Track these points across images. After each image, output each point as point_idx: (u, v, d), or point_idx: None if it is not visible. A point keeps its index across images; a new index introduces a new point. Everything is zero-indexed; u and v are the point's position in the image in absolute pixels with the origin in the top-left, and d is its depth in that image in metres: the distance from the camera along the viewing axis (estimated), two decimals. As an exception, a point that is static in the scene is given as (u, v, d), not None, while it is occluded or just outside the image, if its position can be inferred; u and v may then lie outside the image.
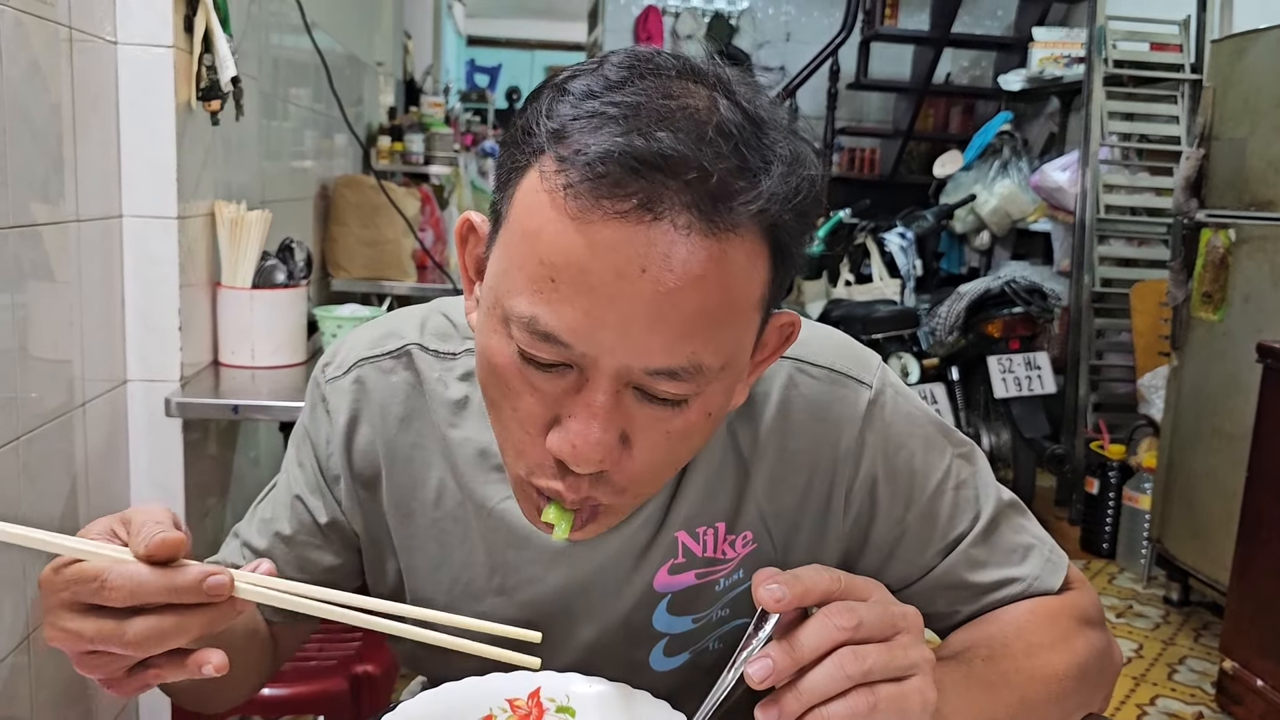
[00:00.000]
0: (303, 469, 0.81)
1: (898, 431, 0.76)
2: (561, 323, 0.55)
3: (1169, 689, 2.52)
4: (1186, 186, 2.79)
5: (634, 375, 0.57)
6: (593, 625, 0.78)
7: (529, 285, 0.56)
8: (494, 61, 10.14)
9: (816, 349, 0.75)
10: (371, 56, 3.66)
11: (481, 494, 0.75)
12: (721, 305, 0.56)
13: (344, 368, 0.78)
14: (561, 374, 0.58)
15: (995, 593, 0.78)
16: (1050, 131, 4.88)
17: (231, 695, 0.82)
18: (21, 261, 1.32)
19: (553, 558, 0.76)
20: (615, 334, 0.55)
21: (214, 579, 0.55)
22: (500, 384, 0.60)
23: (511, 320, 0.58)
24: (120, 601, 0.55)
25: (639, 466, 0.61)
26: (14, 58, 1.28)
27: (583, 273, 0.54)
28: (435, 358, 0.76)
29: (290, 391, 1.76)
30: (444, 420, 0.76)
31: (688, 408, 0.59)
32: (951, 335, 3.57)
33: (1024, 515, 0.81)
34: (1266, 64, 2.59)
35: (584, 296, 0.55)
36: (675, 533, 0.75)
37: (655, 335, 0.55)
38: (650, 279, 0.54)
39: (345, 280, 2.94)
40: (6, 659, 1.32)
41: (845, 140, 5.89)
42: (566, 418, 0.58)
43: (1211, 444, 2.72)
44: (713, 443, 0.72)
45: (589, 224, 0.54)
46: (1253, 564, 2.30)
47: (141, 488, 1.70)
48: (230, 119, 1.79)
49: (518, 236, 0.58)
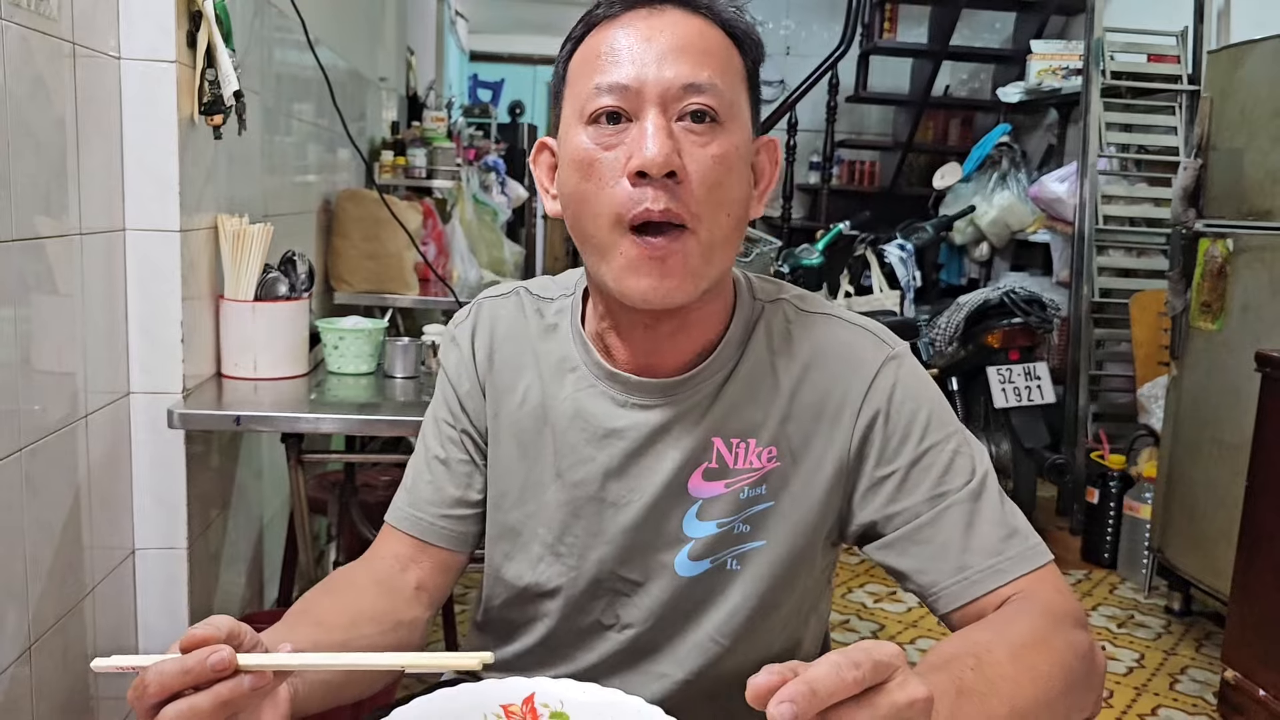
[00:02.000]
0: (444, 400, 0.98)
1: (909, 387, 0.88)
2: (618, 74, 0.80)
3: (1171, 699, 2.52)
4: (1184, 197, 2.80)
5: (675, 98, 0.80)
6: (629, 514, 0.89)
7: (593, 73, 0.81)
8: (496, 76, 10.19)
9: (857, 317, 0.93)
10: (374, 72, 3.69)
11: (556, 389, 0.92)
12: (717, 54, 0.82)
13: (467, 312, 1.00)
14: (625, 129, 0.80)
15: (974, 563, 0.83)
16: (1049, 143, 4.90)
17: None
18: (25, 274, 1.34)
19: (603, 436, 0.89)
20: (654, 69, 0.80)
21: (215, 656, 0.63)
22: (584, 165, 0.81)
23: (586, 102, 0.81)
24: (156, 695, 0.63)
25: (697, 187, 0.80)
26: (18, 72, 1.30)
27: (625, 47, 0.81)
28: (535, 298, 0.98)
29: (292, 403, 1.77)
30: (536, 337, 0.95)
31: (718, 134, 0.81)
32: (951, 346, 3.57)
33: (1014, 507, 0.88)
34: (1263, 74, 2.60)
35: (628, 54, 0.81)
36: (713, 437, 0.88)
37: (681, 64, 0.80)
38: (668, 35, 0.81)
39: (348, 293, 2.95)
40: (8, 670, 1.32)
41: (845, 153, 5.91)
42: (636, 147, 0.79)
43: (1211, 453, 2.72)
44: (756, 366, 0.89)
45: (620, 25, 0.82)
46: (1254, 573, 2.30)
47: (144, 499, 1.71)
48: (233, 133, 1.81)
49: (580, 65, 0.84)
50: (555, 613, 0.93)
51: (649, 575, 0.90)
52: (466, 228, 3.98)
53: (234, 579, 2.05)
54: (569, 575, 0.92)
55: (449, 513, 0.96)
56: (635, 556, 0.90)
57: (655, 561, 0.90)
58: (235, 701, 0.63)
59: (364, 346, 1.99)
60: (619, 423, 0.89)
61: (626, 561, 0.90)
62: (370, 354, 2.01)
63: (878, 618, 2.94)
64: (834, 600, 3.03)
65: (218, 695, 0.63)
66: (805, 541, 0.89)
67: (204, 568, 1.84)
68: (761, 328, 0.90)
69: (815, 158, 5.81)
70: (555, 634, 0.94)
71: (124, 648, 1.72)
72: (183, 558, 1.74)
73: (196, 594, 1.78)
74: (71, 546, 1.50)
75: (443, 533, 0.96)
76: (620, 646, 0.92)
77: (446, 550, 0.96)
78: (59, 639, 1.47)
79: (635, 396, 0.89)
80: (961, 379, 3.67)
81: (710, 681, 0.90)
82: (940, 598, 0.84)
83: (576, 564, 0.91)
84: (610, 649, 0.92)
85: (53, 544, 1.45)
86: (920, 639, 2.79)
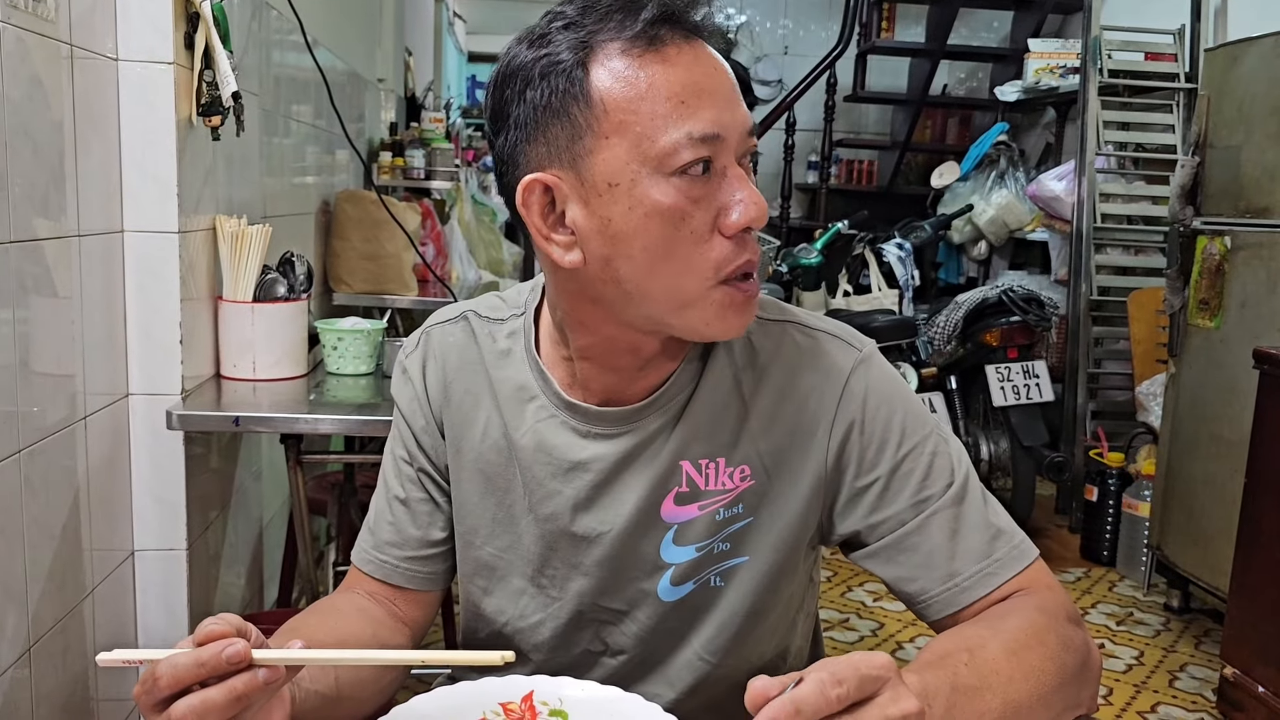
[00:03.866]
0: (403, 443, 0.95)
1: (881, 390, 0.86)
2: (708, 122, 0.74)
3: (1170, 696, 2.52)
4: (1182, 194, 2.81)
5: (744, 143, 0.77)
6: (603, 547, 0.87)
7: (672, 114, 0.74)
8: (494, 77, 10.20)
9: (817, 319, 0.90)
10: (373, 73, 3.69)
11: (516, 420, 0.88)
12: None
13: (415, 341, 0.95)
14: (706, 178, 0.75)
15: (963, 569, 0.82)
16: (1046, 141, 4.90)
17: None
18: (23, 276, 1.34)
19: (568, 470, 0.87)
20: (730, 114, 0.76)
21: (230, 649, 0.62)
22: (675, 218, 0.75)
23: (669, 154, 0.73)
24: (168, 688, 0.62)
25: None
26: (16, 74, 1.30)
27: (698, 85, 0.75)
28: (485, 321, 0.93)
29: (291, 404, 1.77)
30: (491, 364, 0.91)
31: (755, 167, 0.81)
32: (950, 344, 3.58)
33: (995, 504, 0.87)
34: (1260, 71, 2.61)
35: (706, 99, 0.75)
36: (680, 461, 0.85)
37: (740, 106, 0.77)
38: (722, 72, 0.77)
39: (347, 294, 2.95)
40: (7, 672, 1.32)
41: (843, 152, 5.92)
42: (730, 198, 0.76)
43: (1210, 450, 2.73)
44: (719, 384, 0.86)
45: (675, 57, 0.75)
46: (1252, 570, 2.30)
47: (143, 500, 1.71)
48: (231, 135, 1.81)
49: (631, 106, 0.74)
50: (544, 646, 0.91)
51: (633, 604, 0.88)
52: (465, 228, 3.98)
53: (234, 580, 2.06)
54: (551, 606, 0.90)
55: (414, 554, 0.93)
56: (615, 587, 0.88)
57: (637, 590, 0.88)
58: (248, 695, 0.62)
59: (363, 347, 1.99)
60: (583, 454, 0.86)
61: (606, 592, 0.88)
62: (369, 355, 2.01)
63: (877, 616, 2.94)
64: (834, 599, 3.03)
65: (232, 689, 0.62)
66: (787, 552, 0.87)
67: (204, 569, 1.84)
68: (722, 343, 0.86)
69: (813, 157, 5.82)
70: (545, 667, 0.91)
71: (124, 649, 1.72)
72: (182, 559, 1.74)
73: (196, 595, 1.78)
74: (71, 548, 1.51)
75: (410, 575, 0.93)
76: (611, 672, 0.90)
77: (417, 591, 0.94)
78: (59, 640, 1.47)
79: (597, 426, 0.86)
80: (960, 377, 3.68)
81: (705, 695, 0.89)
82: (930, 606, 0.84)
83: (559, 594, 0.89)
84: (602, 675, 0.90)
85: (52, 546, 1.45)
86: (920, 637, 2.79)
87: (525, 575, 0.90)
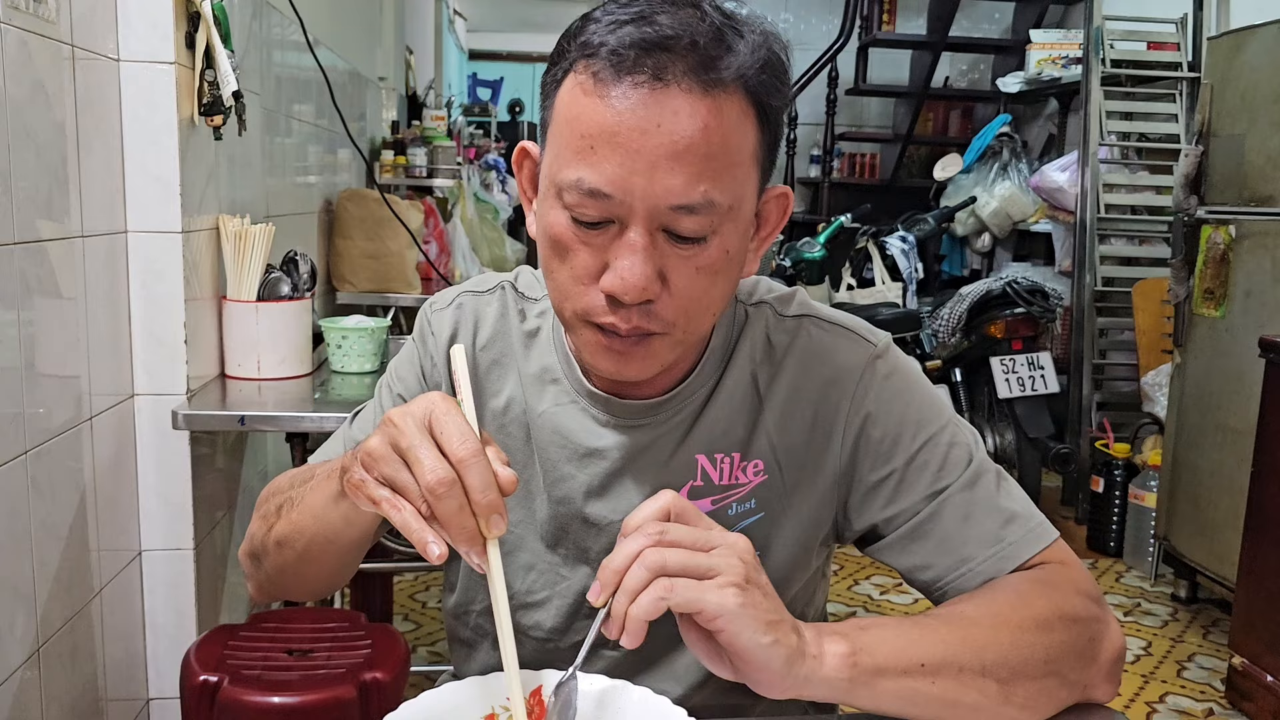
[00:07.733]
0: (404, 382, 0.93)
1: (896, 386, 0.85)
2: (602, 177, 0.69)
3: (1178, 686, 2.51)
4: (1186, 184, 2.80)
5: (662, 215, 0.70)
6: (613, 537, 0.82)
7: (574, 157, 0.70)
8: (496, 75, 10.17)
9: (833, 313, 0.89)
10: (374, 72, 3.69)
11: (536, 400, 0.88)
12: (723, 152, 0.70)
13: (448, 300, 0.93)
14: (605, 230, 0.71)
15: (975, 554, 0.81)
16: (1049, 132, 4.89)
17: (317, 589, 0.93)
18: (27, 277, 1.34)
19: (584, 456, 0.86)
20: (644, 179, 0.69)
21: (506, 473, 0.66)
22: (559, 248, 0.74)
23: (564, 189, 0.71)
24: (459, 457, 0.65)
25: (678, 301, 0.73)
26: (17, 76, 1.30)
27: (614, 135, 0.69)
28: (520, 297, 0.92)
29: (296, 402, 1.77)
30: (519, 342, 0.91)
31: (709, 245, 0.72)
32: (954, 337, 3.57)
33: (1013, 485, 0.86)
34: (1263, 60, 2.60)
35: (617, 153, 0.69)
36: (695, 454, 0.85)
37: (675, 176, 0.69)
38: (666, 132, 0.68)
39: (350, 293, 2.96)
40: (17, 672, 1.33)
41: (845, 146, 5.90)
42: (614, 260, 0.71)
43: (1216, 440, 2.72)
44: (739, 380, 0.85)
45: (615, 98, 0.69)
46: (1260, 559, 2.30)
47: (150, 500, 1.72)
48: (233, 134, 1.81)
49: (563, 125, 0.72)
50: (545, 626, 0.90)
51: None
52: (468, 226, 3.99)
53: (241, 579, 2.06)
54: (559, 585, 0.89)
55: None
56: None
57: None
58: (506, 488, 0.66)
59: (367, 345, 2.00)
60: (600, 442, 0.86)
61: None
62: (373, 353, 2.01)
63: (884, 609, 2.94)
64: (840, 592, 3.03)
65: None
66: (799, 549, 0.87)
67: (211, 568, 1.85)
68: (746, 338, 0.86)
69: (815, 151, 5.80)
70: (545, 651, 0.90)
71: (132, 650, 1.72)
72: (189, 558, 1.75)
73: (204, 594, 1.79)
74: (78, 549, 1.51)
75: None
76: (613, 663, 0.88)
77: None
78: (67, 641, 1.48)
79: (617, 417, 0.85)
80: (965, 370, 3.67)
81: (712, 689, 0.88)
82: (945, 593, 0.83)
83: (569, 574, 0.89)
84: (603, 666, 0.88)
85: (59, 547, 1.45)
86: (927, 630, 2.79)
87: (536, 551, 0.89)
